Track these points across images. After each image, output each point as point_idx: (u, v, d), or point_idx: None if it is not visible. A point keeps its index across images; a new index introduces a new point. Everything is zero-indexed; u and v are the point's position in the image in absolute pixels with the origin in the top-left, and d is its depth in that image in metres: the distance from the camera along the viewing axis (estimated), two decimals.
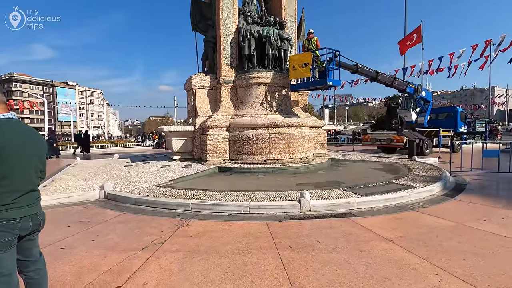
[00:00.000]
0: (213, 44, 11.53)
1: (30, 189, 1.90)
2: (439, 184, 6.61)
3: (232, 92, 10.89)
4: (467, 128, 18.45)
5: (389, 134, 15.85)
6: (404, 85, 14.97)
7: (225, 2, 10.69)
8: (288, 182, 7.29)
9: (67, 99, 76.35)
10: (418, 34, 22.59)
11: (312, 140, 11.25)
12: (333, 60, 10.14)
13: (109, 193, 6.21)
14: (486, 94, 57.95)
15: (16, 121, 1.93)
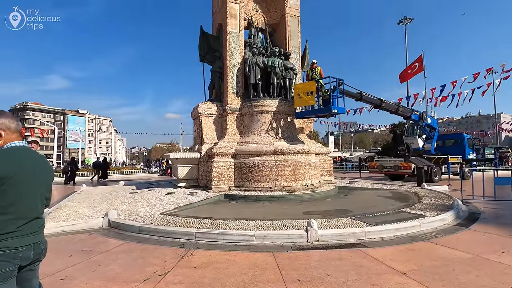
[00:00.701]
0: (219, 74, 11.94)
1: (35, 216, 1.88)
2: (451, 213, 6.38)
3: (238, 119, 11.07)
4: (476, 155, 18.17)
5: (396, 161, 15.65)
6: (409, 112, 15.05)
7: (232, 35, 11.22)
8: (295, 210, 7.13)
9: (77, 126, 78.28)
10: (420, 63, 23.13)
11: (318, 167, 11.16)
12: (337, 89, 10.34)
13: (113, 221, 6.13)
14: (493, 121, 57.78)
15: (27, 149, 1.96)
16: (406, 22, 32.24)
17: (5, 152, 1.82)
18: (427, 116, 15.95)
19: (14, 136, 1.93)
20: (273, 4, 12.94)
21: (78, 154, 47.74)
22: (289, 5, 12.44)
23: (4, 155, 1.79)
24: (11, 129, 1.90)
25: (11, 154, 1.82)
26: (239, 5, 11.48)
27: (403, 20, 32.39)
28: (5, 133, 1.87)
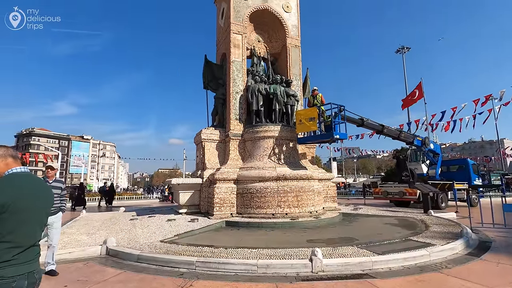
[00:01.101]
0: (222, 100, 12.20)
1: (31, 244, 1.83)
2: (461, 242, 6.15)
3: (241, 145, 11.12)
4: (482, 181, 17.88)
5: (400, 187, 15.40)
6: (411, 138, 15.06)
7: (235, 64, 11.62)
8: (298, 238, 6.92)
9: (80, 152, 78.92)
10: (420, 90, 23.55)
11: (322, 193, 10.99)
12: (338, 114, 10.46)
13: (111, 248, 5.96)
14: (496, 146, 57.52)
15: (28, 175, 1.94)
16: (403, 51, 33.37)
17: (5, 179, 1.82)
18: (429, 142, 15.93)
19: (9, 162, 1.91)
20: (274, 35, 13.52)
21: (81, 179, 47.60)
22: (290, 36, 12.98)
23: (4, 182, 1.78)
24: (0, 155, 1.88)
25: (11, 181, 1.81)
26: (242, 36, 12.00)
27: (400, 49, 33.54)
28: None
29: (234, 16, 11.94)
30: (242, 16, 12.12)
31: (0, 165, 1.87)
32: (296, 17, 13.39)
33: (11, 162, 1.91)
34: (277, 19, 12.98)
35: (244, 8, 12.21)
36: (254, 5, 12.45)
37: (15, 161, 1.94)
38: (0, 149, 1.90)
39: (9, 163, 1.90)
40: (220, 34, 13.59)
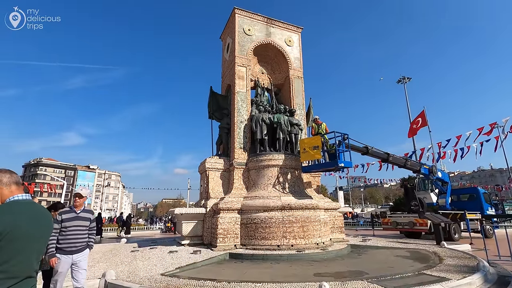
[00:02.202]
0: (227, 130, 12.38)
1: (27, 275, 1.76)
2: (478, 276, 5.79)
3: (245, 174, 11.06)
4: (495, 210, 17.24)
5: (410, 217, 14.89)
6: (418, 166, 14.85)
7: (239, 94, 11.95)
8: (305, 271, 6.60)
9: (86, 181, 79.12)
10: (423, 118, 23.67)
11: (328, 224, 10.66)
12: (342, 143, 10.46)
13: (110, 282, 5.72)
14: (507, 174, 56.12)
15: (29, 203, 1.92)
16: (404, 81, 34.06)
17: (4, 207, 1.79)
18: (437, 170, 15.67)
19: (13, 189, 1.91)
20: (277, 67, 14.03)
21: None
22: (293, 68, 13.45)
23: (2, 210, 1.75)
24: (3, 182, 1.87)
25: (11, 209, 1.79)
26: (246, 68, 12.47)
27: (402, 80, 34.26)
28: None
29: (239, 50, 12.51)
30: (246, 50, 12.69)
31: (4, 192, 1.87)
32: (298, 50, 13.97)
33: (15, 190, 1.91)
34: (280, 52, 13.55)
35: (248, 43, 12.82)
36: (258, 39, 13.09)
37: (18, 188, 1.94)
38: (5, 176, 1.91)
39: (13, 190, 1.90)
40: (225, 67, 14.15)
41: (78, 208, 4.28)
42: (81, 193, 4.32)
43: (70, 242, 4.04)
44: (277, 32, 13.70)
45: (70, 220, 4.10)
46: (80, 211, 4.26)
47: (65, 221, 4.08)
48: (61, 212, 4.18)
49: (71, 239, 4.05)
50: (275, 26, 13.74)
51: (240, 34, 12.76)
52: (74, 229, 4.10)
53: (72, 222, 4.10)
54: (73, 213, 4.19)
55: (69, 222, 4.08)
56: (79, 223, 4.17)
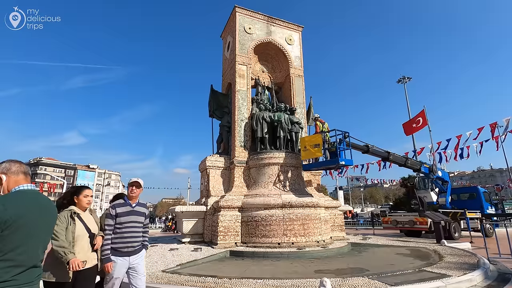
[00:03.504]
0: (228, 128, 12.39)
1: (32, 264, 1.77)
2: (479, 273, 5.80)
3: (245, 172, 11.07)
4: (495, 209, 17.27)
5: (410, 216, 14.91)
6: (418, 165, 14.85)
7: (240, 93, 11.95)
8: (306, 268, 6.61)
9: (86, 181, 79.08)
10: (423, 118, 23.65)
11: (329, 222, 10.67)
12: (343, 141, 10.46)
13: None
14: (507, 175, 56.19)
15: (34, 192, 1.93)
16: (404, 81, 34.05)
17: (9, 196, 1.80)
18: (437, 169, 15.67)
19: (20, 178, 1.92)
20: (278, 66, 14.03)
21: None
22: (293, 66, 13.45)
23: (8, 199, 1.75)
24: (12, 171, 1.89)
25: (16, 198, 1.79)
26: (246, 66, 12.47)
27: (402, 79, 34.25)
28: (7, 176, 1.87)
29: (239, 49, 12.51)
30: (247, 48, 12.70)
31: (10, 182, 1.88)
32: (298, 49, 13.98)
33: (21, 179, 1.92)
34: (280, 51, 13.55)
35: (248, 41, 12.82)
36: (259, 38, 13.09)
37: (26, 178, 1.95)
38: (14, 165, 1.92)
39: (19, 180, 1.91)
40: (225, 65, 14.15)
41: (133, 201, 3.57)
42: (139, 182, 3.57)
43: (127, 241, 3.37)
44: (277, 30, 13.71)
45: (125, 214, 3.42)
46: (136, 205, 3.57)
47: (120, 215, 3.39)
48: (115, 205, 3.47)
49: (128, 237, 3.38)
50: (276, 25, 13.74)
51: (240, 32, 12.76)
52: (131, 225, 3.41)
53: (127, 217, 3.42)
54: (128, 206, 3.49)
55: (124, 217, 3.40)
56: (135, 219, 3.48)
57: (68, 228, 3.02)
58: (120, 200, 3.59)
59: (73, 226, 3.08)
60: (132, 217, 3.45)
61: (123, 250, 3.34)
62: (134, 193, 3.53)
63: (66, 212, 3.13)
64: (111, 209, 3.42)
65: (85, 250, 3.13)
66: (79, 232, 3.12)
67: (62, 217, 3.07)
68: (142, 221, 3.57)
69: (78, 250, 3.03)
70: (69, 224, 3.06)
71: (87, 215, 3.34)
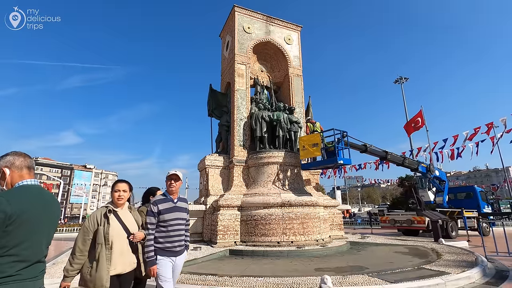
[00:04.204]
0: (227, 127, 12.38)
1: (37, 259, 1.76)
2: (477, 270, 5.86)
3: (244, 171, 11.08)
4: (491, 209, 17.42)
5: (408, 215, 15.00)
6: (416, 164, 14.95)
7: (239, 92, 11.96)
8: (306, 266, 6.63)
9: (82, 181, 78.63)
10: (421, 118, 23.80)
11: (328, 221, 10.71)
12: (341, 140, 10.50)
13: None
14: (502, 175, 56.67)
15: (38, 188, 1.91)
16: (402, 81, 34.23)
17: (13, 191, 1.79)
18: (434, 168, 15.78)
19: (23, 173, 1.91)
20: (277, 65, 14.05)
21: (81, 209, 46.86)
22: (292, 66, 13.49)
23: (12, 194, 1.74)
24: (15, 165, 1.86)
25: (20, 193, 1.77)
26: (245, 66, 12.48)
27: (399, 80, 34.43)
28: (10, 170, 1.85)
29: (238, 48, 12.52)
30: (246, 48, 12.71)
31: (14, 176, 1.86)
32: (297, 48, 14.01)
33: (25, 174, 1.90)
34: (279, 50, 13.58)
35: (247, 41, 12.83)
36: (257, 37, 13.10)
37: (30, 172, 1.93)
38: (19, 159, 1.89)
39: (23, 174, 1.89)
40: (224, 64, 14.15)
41: (174, 196, 3.20)
42: (177, 174, 3.17)
43: (174, 240, 3.04)
44: (276, 30, 13.73)
45: (168, 211, 3.07)
46: (177, 200, 3.20)
47: (163, 212, 3.05)
48: (156, 201, 3.10)
49: (174, 236, 3.05)
50: (275, 25, 13.76)
51: (239, 32, 12.77)
52: (175, 223, 3.08)
53: (170, 214, 3.07)
54: (170, 202, 3.13)
55: (167, 215, 3.05)
56: (179, 215, 3.13)
57: (99, 230, 2.64)
58: (159, 195, 3.23)
59: (107, 226, 2.67)
60: (176, 213, 3.11)
61: (171, 250, 3.02)
62: (173, 187, 3.15)
63: (100, 211, 2.78)
64: (152, 206, 3.05)
65: (124, 253, 2.74)
66: (115, 232, 2.71)
67: (92, 220, 2.70)
68: (186, 217, 3.24)
69: (116, 253, 2.66)
70: (101, 224, 2.67)
71: (125, 212, 2.92)
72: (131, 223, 2.89)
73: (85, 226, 2.66)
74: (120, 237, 2.73)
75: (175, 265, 3.07)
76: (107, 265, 2.57)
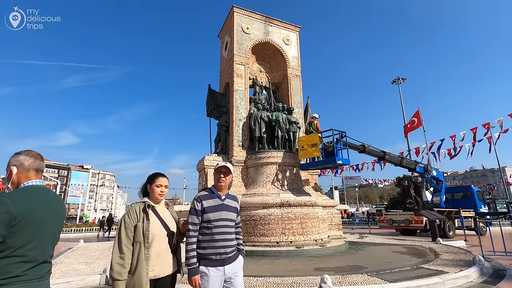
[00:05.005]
0: (225, 127, 12.39)
1: (43, 260, 1.77)
2: (475, 269, 5.92)
3: (243, 171, 11.09)
4: (488, 208, 17.57)
5: (406, 215, 15.10)
6: (413, 165, 15.05)
7: (238, 92, 11.98)
8: (305, 266, 6.67)
9: (80, 181, 78.21)
10: (418, 118, 23.97)
11: (326, 221, 10.75)
12: (340, 140, 10.55)
13: None
14: (498, 175, 57.11)
15: (43, 189, 1.92)
16: (399, 82, 34.38)
17: (19, 192, 1.80)
18: (431, 169, 15.89)
19: (30, 174, 1.92)
20: (275, 66, 14.09)
21: (77, 210, 46.64)
22: (291, 67, 13.52)
23: (18, 195, 1.75)
24: (24, 166, 1.88)
25: (25, 194, 1.78)
26: (244, 66, 12.50)
27: (396, 80, 34.58)
28: (18, 170, 1.86)
29: (237, 48, 12.54)
30: (245, 48, 12.73)
31: (21, 176, 1.87)
32: (296, 49, 14.05)
33: (33, 175, 1.91)
34: (278, 51, 13.61)
35: (246, 41, 12.86)
36: (256, 38, 13.13)
37: (37, 174, 1.94)
38: (29, 160, 1.90)
39: (30, 175, 1.91)
40: (223, 65, 14.16)
41: (222, 192, 2.67)
42: (228, 167, 2.68)
43: (220, 245, 2.48)
44: (275, 31, 13.76)
45: (214, 209, 2.54)
46: (225, 196, 2.67)
47: (208, 211, 2.51)
48: (200, 197, 2.60)
49: (220, 240, 2.49)
50: (273, 25, 13.79)
51: (238, 32, 12.79)
52: (222, 224, 2.52)
53: (217, 213, 2.54)
54: (217, 199, 2.60)
55: (213, 214, 2.51)
56: (226, 215, 2.58)
57: (137, 227, 2.33)
58: (204, 192, 2.70)
59: (147, 223, 2.36)
60: (223, 213, 2.56)
61: (215, 258, 2.45)
62: (223, 181, 2.63)
63: (138, 205, 2.46)
64: (196, 202, 2.57)
65: (163, 253, 2.42)
66: (155, 229, 2.40)
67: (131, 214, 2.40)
68: (234, 218, 2.67)
69: (154, 253, 2.36)
70: (140, 220, 2.36)
71: (162, 208, 2.60)
72: (170, 220, 2.57)
73: (126, 222, 2.36)
74: (160, 235, 2.43)
75: (227, 275, 2.48)
76: (146, 267, 2.28)
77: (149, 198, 2.55)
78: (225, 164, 2.67)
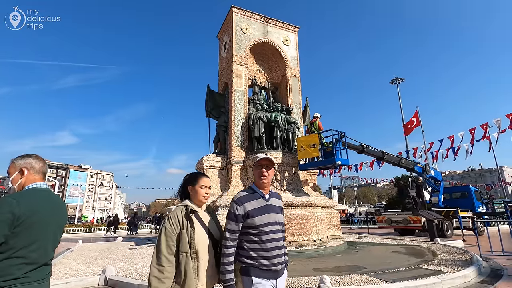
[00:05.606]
0: (224, 128, 12.40)
1: (44, 262, 1.78)
2: (473, 269, 5.96)
3: (242, 172, 11.10)
4: (486, 208, 17.65)
5: (404, 215, 15.15)
6: (412, 165, 15.10)
7: (237, 92, 11.98)
8: (304, 266, 6.69)
9: (78, 181, 77.96)
10: (417, 118, 24.05)
11: (325, 221, 10.78)
12: (339, 141, 10.58)
13: (110, 278, 5.72)
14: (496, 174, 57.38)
15: (47, 191, 1.94)
16: (397, 81, 34.47)
17: (24, 193, 1.81)
18: (430, 169, 15.95)
19: (38, 177, 1.95)
20: (274, 66, 14.10)
21: (76, 210, 46.49)
22: (290, 67, 13.54)
23: (22, 196, 1.76)
24: (35, 169, 1.92)
25: (29, 196, 1.80)
26: (243, 66, 12.51)
27: (394, 80, 34.67)
28: (28, 172, 1.89)
29: (236, 49, 12.54)
30: (244, 48, 12.73)
31: (29, 178, 1.91)
32: (295, 49, 14.07)
33: (39, 178, 1.95)
34: (277, 51, 13.62)
35: (245, 41, 12.86)
36: (255, 38, 13.13)
37: (43, 177, 1.99)
38: (39, 164, 1.97)
39: (37, 178, 1.94)
40: (222, 65, 14.16)
41: (266, 190, 2.22)
42: (271, 159, 2.22)
43: (274, 255, 2.03)
44: (274, 31, 13.77)
45: (260, 212, 2.09)
46: (269, 196, 2.22)
47: (252, 215, 2.07)
48: (241, 199, 2.13)
49: (273, 249, 2.04)
50: (272, 25, 13.80)
51: (237, 32, 12.79)
52: (272, 229, 2.08)
53: (264, 216, 2.09)
54: (261, 199, 2.16)
55: (259, 217, 2.06)
56: (274, 218, 2.14)
57: (182, 235, 2.01)
58: (243, 192, 2.21)
59: (191, 230, 2.03)
60: (271, 215, 2.11)
61: (270, 269, 2.01)
62: (265, 177, 2.15)
63: (180, 210, 2.11)
64: (235, 206, 2.10)
65: (210, 264, 2.08)
66: (199, 238, 2.05)
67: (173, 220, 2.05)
68: (282, 220, 2.22)
69: (203, 265, 2.02)
70: (184, 227, 2.03)
71: (204, 213, 2.24)
72: (213, 227, 2.23)
73: (167, 229, 2.03)
74: (206, 244, 2.09)
75: None
76: (196, 281, 1.96)
77: (190, 201, 2.22)
78: (267, 156, 2.20)
